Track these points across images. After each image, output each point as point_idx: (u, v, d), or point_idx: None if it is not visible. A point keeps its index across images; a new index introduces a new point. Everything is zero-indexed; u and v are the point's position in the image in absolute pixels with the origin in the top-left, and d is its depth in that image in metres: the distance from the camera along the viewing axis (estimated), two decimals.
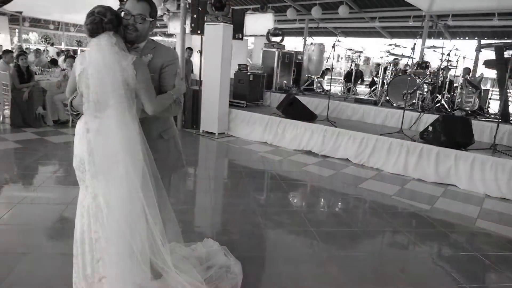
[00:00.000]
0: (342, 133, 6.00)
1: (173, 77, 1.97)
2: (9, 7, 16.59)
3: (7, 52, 7.08)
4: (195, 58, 9.37)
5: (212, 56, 6.82)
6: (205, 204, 3.87)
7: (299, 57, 9.23)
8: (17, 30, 19.60)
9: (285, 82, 8.70)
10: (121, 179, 1.79)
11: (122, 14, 1.84)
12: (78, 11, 17.72)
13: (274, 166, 5.45)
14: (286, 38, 9.03)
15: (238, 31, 7.80)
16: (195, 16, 7.09)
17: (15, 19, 18.36)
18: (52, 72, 7.79)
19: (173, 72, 1.97)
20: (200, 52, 7.29)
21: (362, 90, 11.81)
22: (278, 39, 8.69)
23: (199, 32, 7.15)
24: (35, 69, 8.04)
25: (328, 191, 4.62)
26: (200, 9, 6.98)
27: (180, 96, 2.02)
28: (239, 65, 7.84)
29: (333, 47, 6.36)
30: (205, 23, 6.78)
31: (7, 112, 6.89)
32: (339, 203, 4.27)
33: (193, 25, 7.04)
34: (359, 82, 11.32)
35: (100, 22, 1.74)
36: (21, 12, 17.91)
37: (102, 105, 1.75)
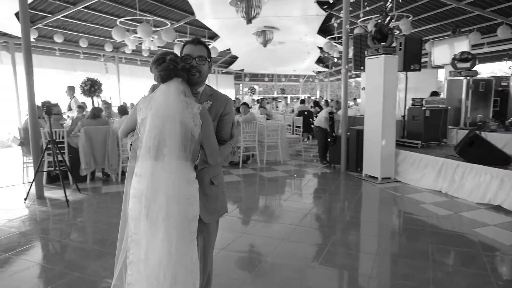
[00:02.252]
0: None
1: (230, 126, 2.01)
2: (233, 67, 20.45)
3: None
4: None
5: (373, 91, 6.20)
6: (307, 263, 3.34)
7: (504, 83, 7.24)
8: (241, 85, 23.78)
9: (480, 116, 6.95)
10: (165, 225, 1.71)
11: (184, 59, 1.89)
12: (287, 64, 20.12)
13: (433, 222, 4.26)
14: (497, 63, 7.31)
15: (414, 62, 6.90)
16: (356, 52, 6.74)
17: (238, 76, 22.41)
18: None
19: (231, 121, 2.02)
20: (364, 89, 6.77)
21: None
22: (467, 65, 7.10)
23: (362, 68, 6.71)
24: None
25: (495, 269, 3.21)
26: (354, 45, 6.59)
27: (235, 146, 2.03)
28: (413, 99, 6.81)
29: None
30: (366, 58, 6.28)
31: None
32: None
33: (354, 62, 6.69)
34: None
35: (174, 69, 1.75)
36: (242, 70, 21.67)
37: (158, 151, 1.71)
